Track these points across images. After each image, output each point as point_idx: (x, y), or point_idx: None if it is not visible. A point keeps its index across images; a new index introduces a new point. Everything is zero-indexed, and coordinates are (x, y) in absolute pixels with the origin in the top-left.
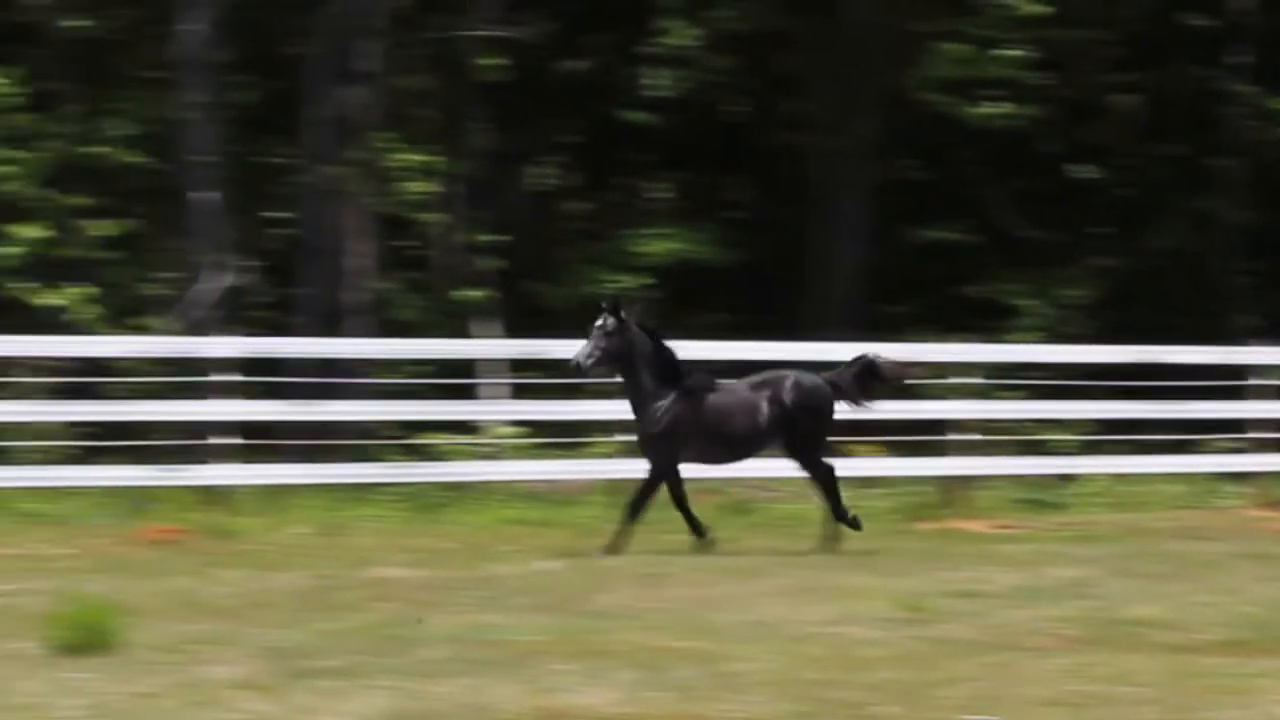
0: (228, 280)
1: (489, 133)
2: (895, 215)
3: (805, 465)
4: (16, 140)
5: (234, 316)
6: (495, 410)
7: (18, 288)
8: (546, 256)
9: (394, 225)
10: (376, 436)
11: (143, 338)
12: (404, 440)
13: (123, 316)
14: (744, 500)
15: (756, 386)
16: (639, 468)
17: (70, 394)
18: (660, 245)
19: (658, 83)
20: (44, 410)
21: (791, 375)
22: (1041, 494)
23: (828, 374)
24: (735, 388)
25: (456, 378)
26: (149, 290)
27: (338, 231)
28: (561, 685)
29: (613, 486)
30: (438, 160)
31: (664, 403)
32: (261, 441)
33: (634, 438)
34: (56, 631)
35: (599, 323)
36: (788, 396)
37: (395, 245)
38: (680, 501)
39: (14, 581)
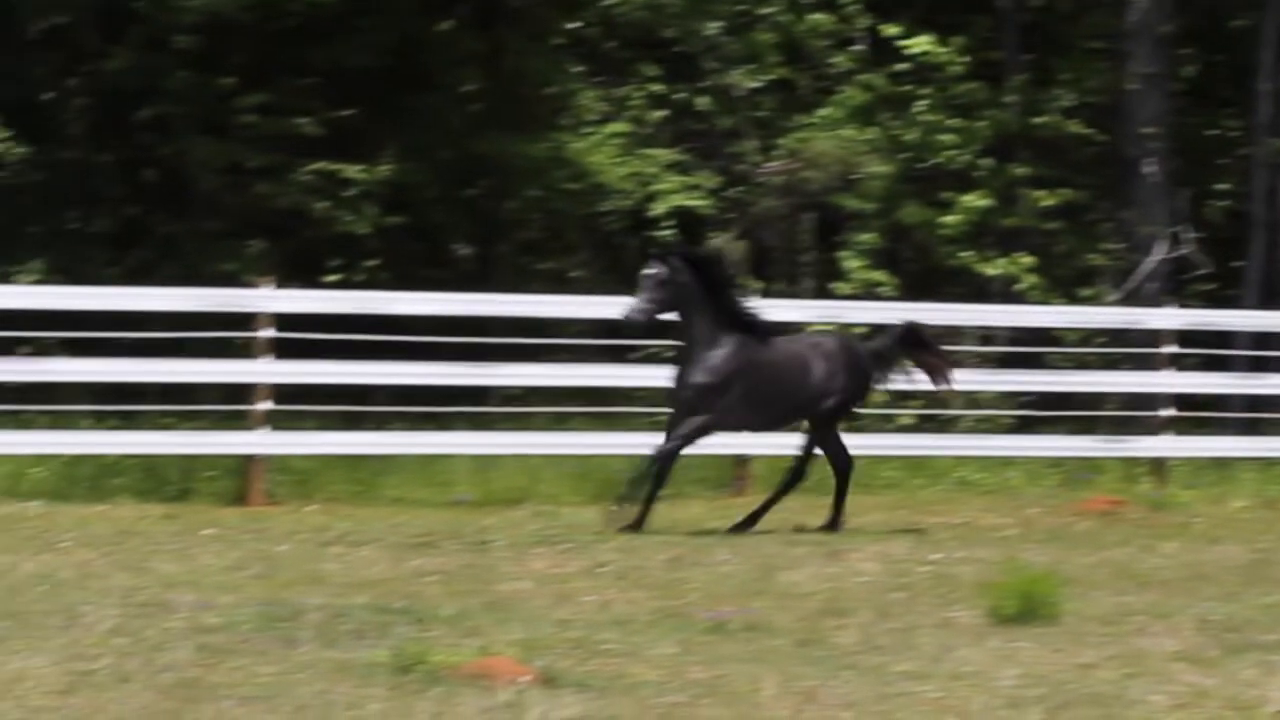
0: (1170, 252)
1: None
2: None
3: (826, 439)
4: (959, 109)
5: (1175, 288)
6: None
7: (960, 256)
8: None
9: None
10: None
11: (1084, 308)
12: None
13: (1065, 287)
14: None
15: (811, 346)
16: None
17: (1011, 363)
18: None
19: None
20: (984, 379)
21: (839, 338)
22: None
23: (869, 343)
24: (789, 344)
25: None
26: (1091, 261)
27: None
28: None
29: None
30: None
31: (719, 353)
32: (1200, 414)
33: (677, 394)
34: (996, 601)
35: (649, 272)
36: (838, 359)
37: None
38: (663, 477)
39: (953, 550)
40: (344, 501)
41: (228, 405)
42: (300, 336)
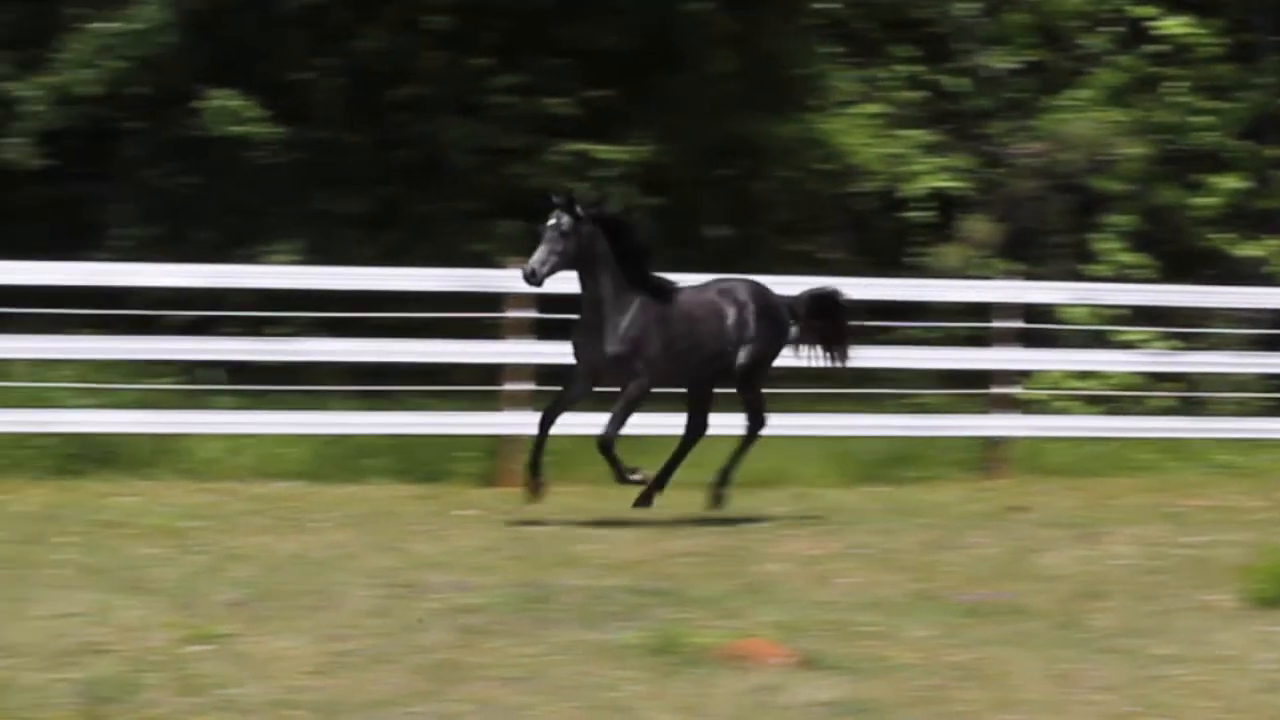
0: None
1: None
2: None
3: (745, 396)
4: (1216, 90)
5: None
6: None
7: (1216, 238)
8: None
9: None
10: None
11: None
12: None
13: None
14: None
15: (720, 292)
16: None
17: (1267, 345)
18: None
19: None
20: (1240, 362)
21: (750, 283)
22: None
23: (784, 297)
24: (698, 293)
25: None
26: None
27: None
28: None
29: None
30: None
31: (628, 315)
32: None
33: (586, 357)
34: (1253, 584)
35: (552, 222)
36: (751, 304)
37: None
38: (543, 438)
39: (1210, 533)
40: (599, 483)
41: (483, 386)
42: (556, 318)
